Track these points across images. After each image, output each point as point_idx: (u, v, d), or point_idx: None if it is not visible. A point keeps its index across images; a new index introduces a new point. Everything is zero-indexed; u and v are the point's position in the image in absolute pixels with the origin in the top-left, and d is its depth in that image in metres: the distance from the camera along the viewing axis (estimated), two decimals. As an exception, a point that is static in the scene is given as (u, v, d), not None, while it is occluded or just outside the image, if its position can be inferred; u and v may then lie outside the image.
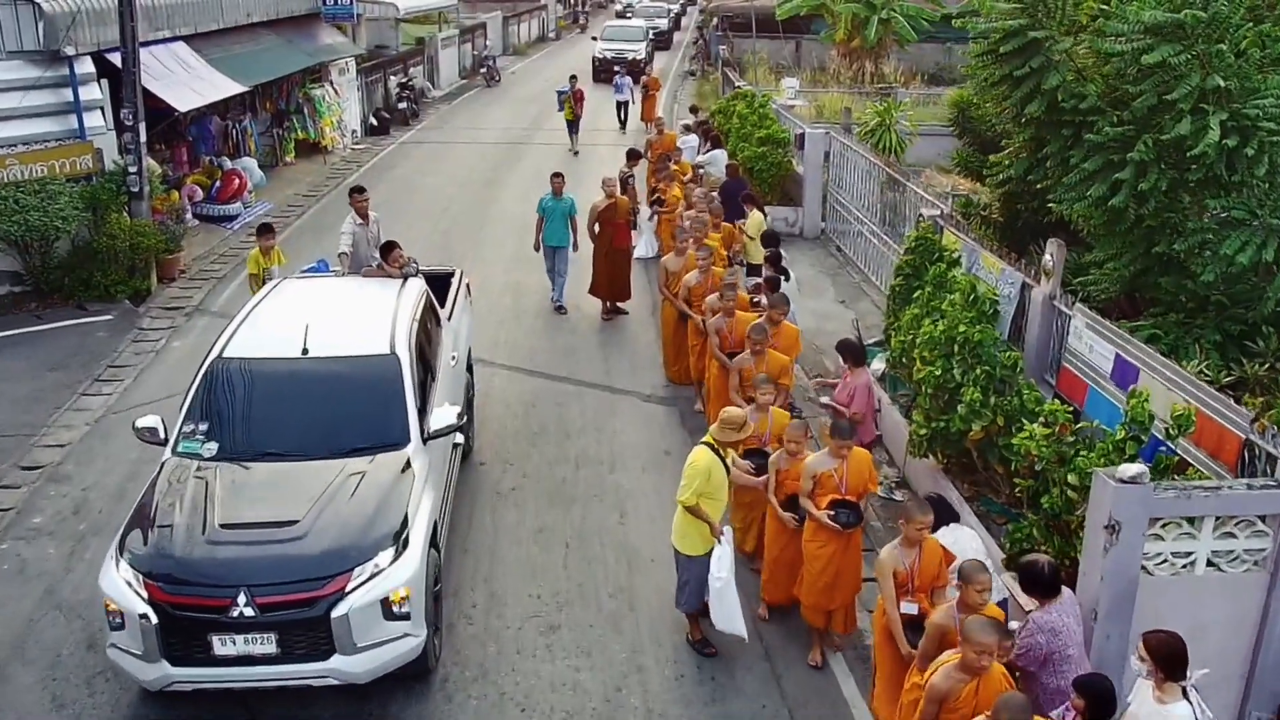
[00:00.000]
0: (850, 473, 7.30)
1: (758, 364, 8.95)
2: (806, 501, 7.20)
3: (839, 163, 17.80)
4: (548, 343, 13.38)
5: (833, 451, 7.34)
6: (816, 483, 7.25)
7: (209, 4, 18.94)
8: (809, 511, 7.16)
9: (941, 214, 12.19)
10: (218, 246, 17.57)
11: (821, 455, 7.40)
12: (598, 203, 13.83)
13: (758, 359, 8.97)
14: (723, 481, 7.22)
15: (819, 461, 7.32)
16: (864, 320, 14.30)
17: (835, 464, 7.27)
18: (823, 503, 7.20)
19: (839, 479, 7.25)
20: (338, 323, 8.37)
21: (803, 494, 7.28)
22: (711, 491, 7.09)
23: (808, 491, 7.26)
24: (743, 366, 9.06)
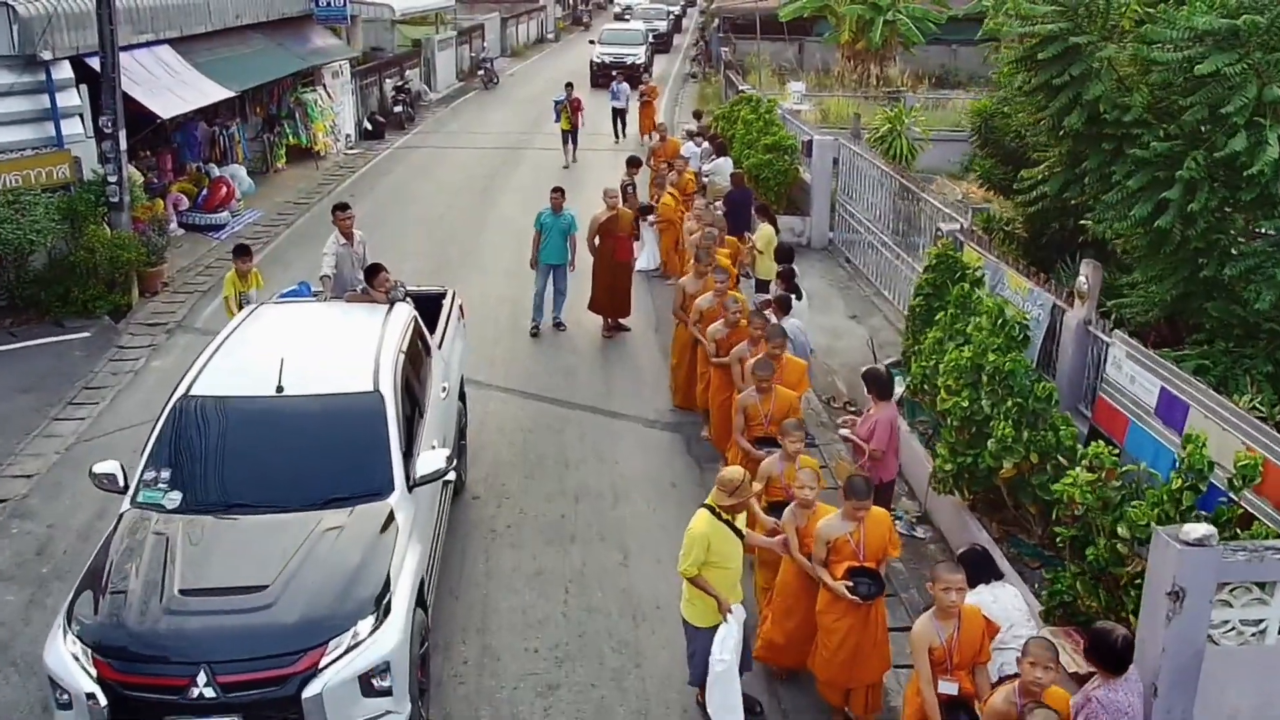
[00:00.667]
0: (869, 537, 6.52)
1: (764, 402, 8.28)
2: (821, 570, 6.47)
3: (848, 171, 17.16)
4: (546, 362, 12.73)
5: (847, 513, 6.53)
6: (831, 548, 6.50)
7: (195, 6, 18.29)
8: (824, 581, 6.46)
9: (961, 229, 11.55)
10: (204, 257, 16.91)
11: (835, 519, 6.62)
12: (599, 214, 13.18)
13: (764, 397, 8.29)
14: (731, 550, 6.44)
15: (833, 525, 6.56)
16: (877, 337, 13.68)
17: (851, 527, 6.51)
18: (839, 570, 6.46)
19: (856, 544, 6.49)
20: (317, 355, 7.71)
21: (815, 561, 6.54)
22: (717, 560, 6.34)
23: (821, 559, 6.52)
24: (748, 405, 8.38)
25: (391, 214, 19.29)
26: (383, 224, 18.55)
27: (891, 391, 8.49)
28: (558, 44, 50.94)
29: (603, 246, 13.18)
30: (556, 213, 13.24)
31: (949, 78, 34.26)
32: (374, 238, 17.65)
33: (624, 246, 13.35)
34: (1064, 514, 6.90)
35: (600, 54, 36.03)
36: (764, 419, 8.16)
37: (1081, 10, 8.20)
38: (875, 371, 8.58)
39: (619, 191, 13.50)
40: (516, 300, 14.49)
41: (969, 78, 34.36)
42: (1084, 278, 8.63)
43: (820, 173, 17.43)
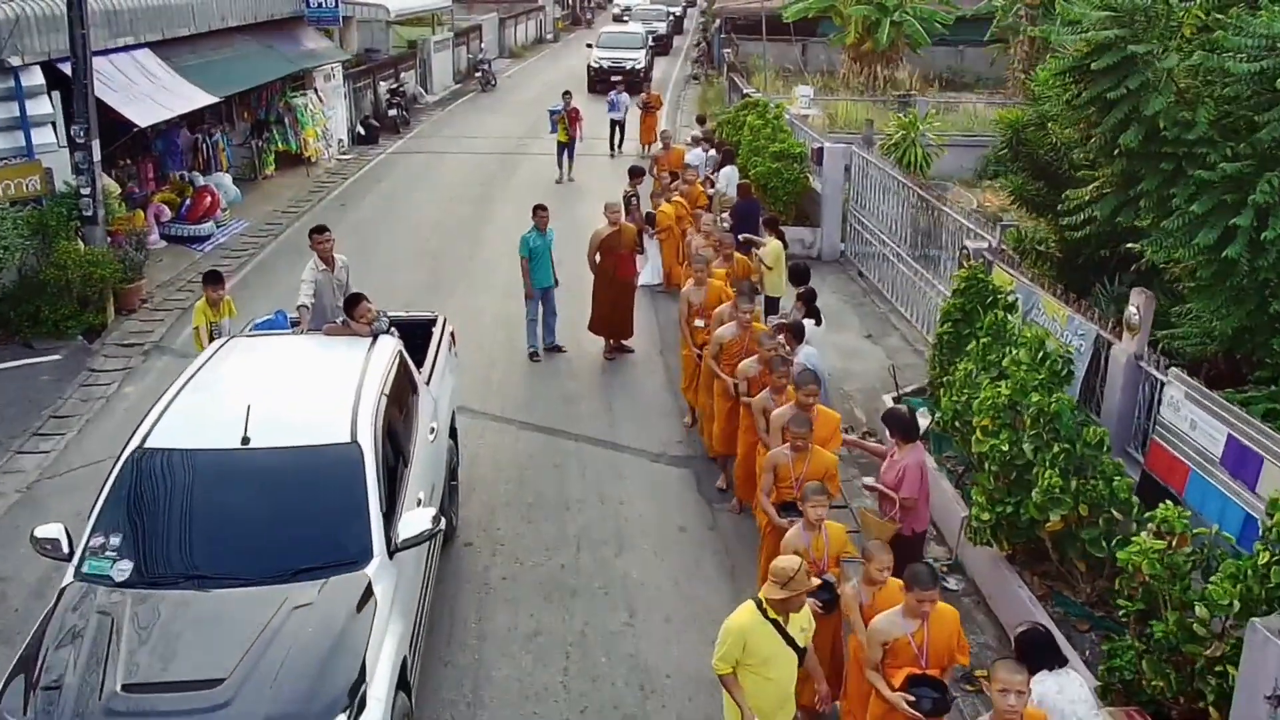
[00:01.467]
0: (934, 638, 5.55)
1: (797, 462, 7.44)
2: (875, 676, 5.58)
3: (860, 179, 16.40)
4: (544, 388, 11.95)
5: (909, 608, 5.57)
6: (889, 651, 5.59)
7: (178, 8, 17.50)
8: (878, 690, 5.58)
9: (989, 247, 10.78)
10: (186, 271, 16.13)
11: (894, 614, 5.67)
12: (599, 230, 12.41)
13: (798, 456, 7.44)
14: (774, 657, 5.46)
15: (891, 623, 5.64)
16: (895, 358, 12.91)
17: (914, 626, 5.58)
18: (897, 678, 5.54)
19: (918, 647, 5.53)
20: (289, 400, 6.93)
21: (869, 666, 5.66)
22: (755, 666, 5.40)
23: (876, 662, 5.63)
24: (779, 464, 7.56)
25: (383, 224, 18.51)
26: (374, 235, 17.79)
27: (917, 432, 7.71)
28: (557, 44, 50.14)
29: (603, 264, 12.41)
30: (543, 231, 12.46)
31: (956, 79, 33.53)
32: (365, 250, 17.20)
33: (626, 264, 12.61)
34: (1128, 584, 6.14)
35: (598, 58, 34.37)
36: (795, 481, 7.30)
37: (1140, 17, 7.41)
38: (897, 412, 7.79)
39: (620, 206, 12.69)
40: (513, 320, 13.70)
41: (976, 79, 33.66)
42: (1135, 308, 7.87)
43: (832, 182, 16.67)
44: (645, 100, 24.79)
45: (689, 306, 10.39)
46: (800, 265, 11.23)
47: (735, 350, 9.20)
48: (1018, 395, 7.97)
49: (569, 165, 21.73)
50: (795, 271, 11.11)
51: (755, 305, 9.78)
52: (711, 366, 9.41)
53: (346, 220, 18.79)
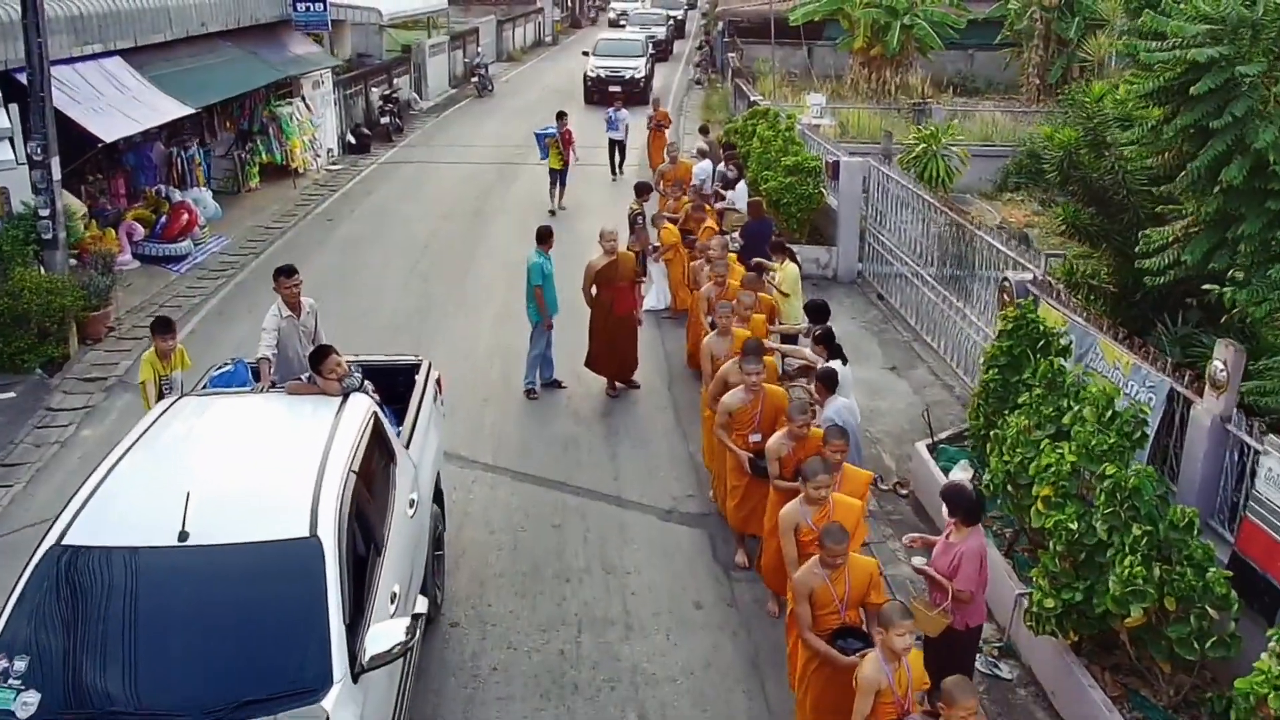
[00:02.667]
0: None
1: (817, 519, 6.44)
2: None
3: (879, 195, 15.37)
4: (542, 430, 10.89)
5: None
6: None
7: (152, 12, 16.46)
8: None
9: (1035, 279, 9.75)
10: (160, 294, 15.09)
11: None
12: (594, 260, 11.32)
13: (817, 511, 6.44)
14: None
15: None
16: (924, 394, 11.89)
17: None
18: None
19: None
20: (239, 480, 5.89)
21: None
22: None
23: None
24: (800, 523, 6.55)
25: (372, 242, 17.46)
26: (361, 255, 16.75)
27: (980, 513, 6.66)
28: (556, 47, 49.07)
29: (599, 297, 11.34)
30: (548, 254, 11.48)
31: (966, 84, 32.53)
32: (352, 271, 16.20)
33: (625, 298, 11.46)
34: (1247, 715, 5.10)
35: (595, 67, 31.69)
36: (839, 603, 6.10)
37: (1245, 31, 6.37)
38: (959, 491, 6.73)
39: (616, 233, 11.52)
40: (509, 351, 12.67)
41: (987, 84, 32.66)
42: (1220, 363, 6.83)
43: (849, 198, 15.63)
44: (654, 118, 21.98)
45: (711, 361, 9.14)
46: (818, 301, 10.15)
47: (746, 419, 7.99)
48: (1084, 461, 6.96)
49: (560, 192, 19.26)
50: (813, 308, 10.04)
51: (763, 366, 8.36)
52: (722, 438, 8.12)
53: (333, 238, 17.77)
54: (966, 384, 11.90)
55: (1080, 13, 27.63)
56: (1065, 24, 27.83)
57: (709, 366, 9.03)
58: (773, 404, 7.86)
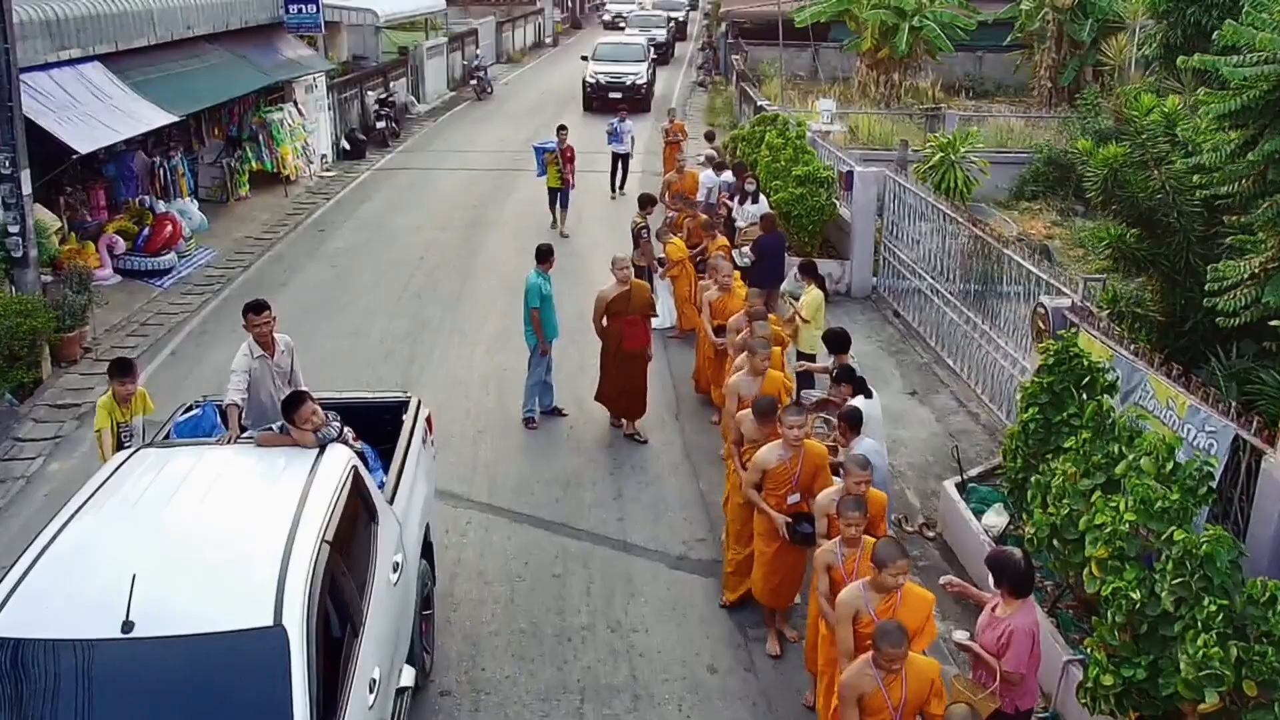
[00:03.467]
0: None
1: (881, 609, 5.69)
2: None
3: (895, 206, 14.66)
4: (542, 465, 10.17)
5: None
6: None
7: (135, 16, 15.74)
8: None
9: (1073, 306, 9.03)
10: (140, 311, 14.38)
11: None
12: (605, 290, 10.44)
13: (882, 599, 5.70)
14: None
15: None
16: (947, 423, 11.19)
17: None
18: None
19: None
20: (196, 553, 5.19)
21: None
22: None
23: None
24: (861, 609, 5.77)
25: (363, 255, 16.75)
26: (352, 269, 16.04)
27: (1031, 585, 5.94)
28: (556, 49, 48.37)
29: (610, 330, 10.41)
30: (547, 274, 10.77)
31: (975, 86, 31.84)
32: (341, 288, 15.35)
33: (637, 332, 10.44)
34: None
35: (594, 73, 30.19)
36: (894, 713, 5.30)
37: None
38: (1007, 559, 5.98)
39: (628, 261, 10.68)
40: (506, 376, 11.97)
41: (996, 86, 31.98)
42: (1298, 412, 6.13)
43: (863, 210, 14.92)
44: (669, 131, 19.51)
45: (738, 403, 8.17)
46: (837, 331, 9.40)
47: (783, 479, 7.07)
48: (1144, 519, 6.25)
49: (563, 215, 17.75)
50: (832, 339, 9.30)
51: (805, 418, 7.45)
52: (754, 500, 7.16)
53: (324, 250, 17.06)
54: (993, 412, 11.20)
55: (1094, 14, 26.93)
56: (1078, 26, 27.13)
57: (734, 408, 8.09)
58: (812, 461, 7.03)
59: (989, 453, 10.57)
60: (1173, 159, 8.04)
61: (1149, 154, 8.11)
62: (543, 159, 17.49)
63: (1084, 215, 18.88)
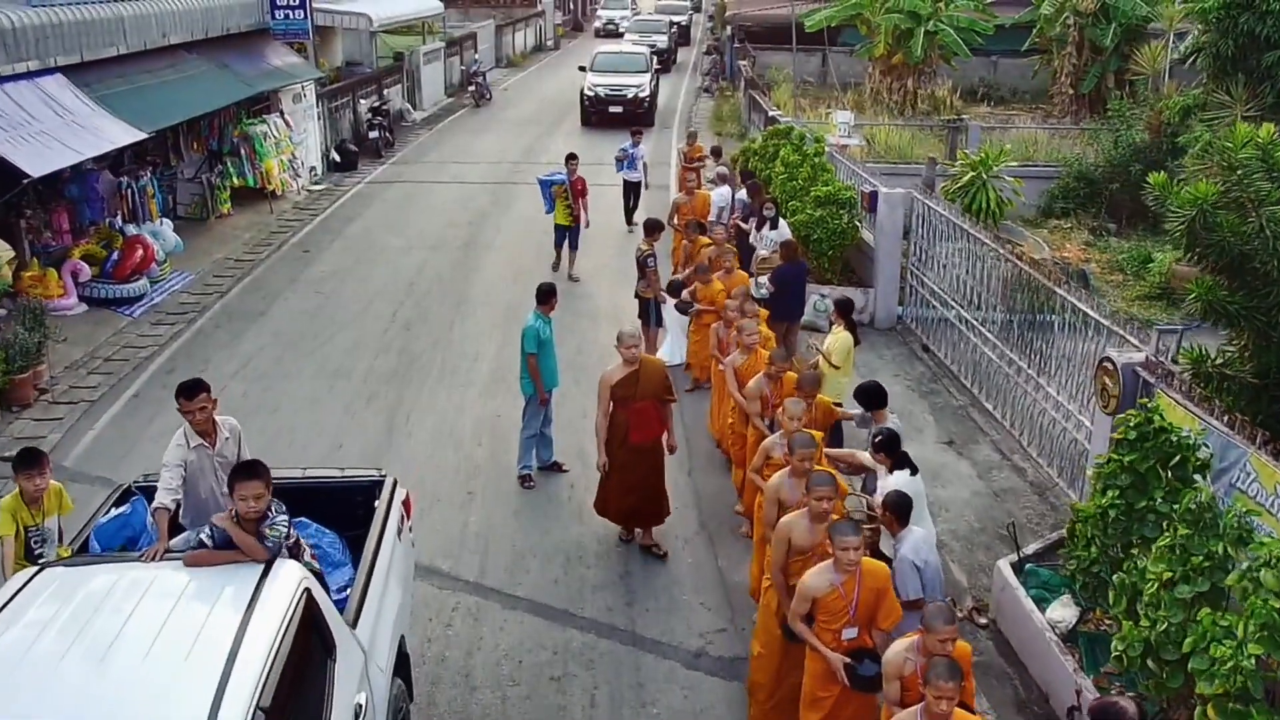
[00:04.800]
0: None
1: None
2: None
3: (924, 230, 13.52)
4: (539, 535, 9.02)
5: None
6: None
7: (104, 24, 14.63)
8: None
9: (1148, 363, 7.89)
10: (105, 344, 13.26)
11: None
12: (610, 372, 8.35)
13: None
14: None
15: None
16: (991, 480, 10.05)
17: None
18: None
19: None
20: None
21: None
22: None
23: None
24: None
25: (349, 280, 15.61)
26: (337, 295, 14.91)
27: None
28: (558, 52, 47.23)
29: (615, 420, 8.29)
30: (548, 317, 9.60)
31: (990, 92, 30.74)
32: (324, 318, 13.94)
33: (649, 421, 8.31)
34: None
35: (593, 84, 27.94)
36: None
37: None
38: (1115, 713, 4.83)
39: (639, 335, 8.68)
40: (500, 425, 10.84)
41: (1012, 92, 30.88)
42: None
43: (889, 234, 13.79)
44: (686, 154, 17.80)
45: (779, 509, 6.77)
46: (871, 385, 8.24)
47: (837, 608, 5.80)
48: (1272, 649, 5.12)
49: (571, 257, 15.37)
50: (865, 394, 8.14)
51: (861, 536, 6.10)
52: (805, 635, 5.83)
53: (307, 275, 15.92)
54: (1042, 468, 10.07)
55: (1117, 19, 25.82)
56: (1101, 31, 26.02)
57: (774, 515, 6.73)
58: (872, 585, 5.80)
59: (1040, 516, 9.45)
60: (1274, 198, 6.93)
61: (1245, 193, 7.01)
62: (550, 193, 15.11)
63: (1118, 235, 17.78)
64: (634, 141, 17.75)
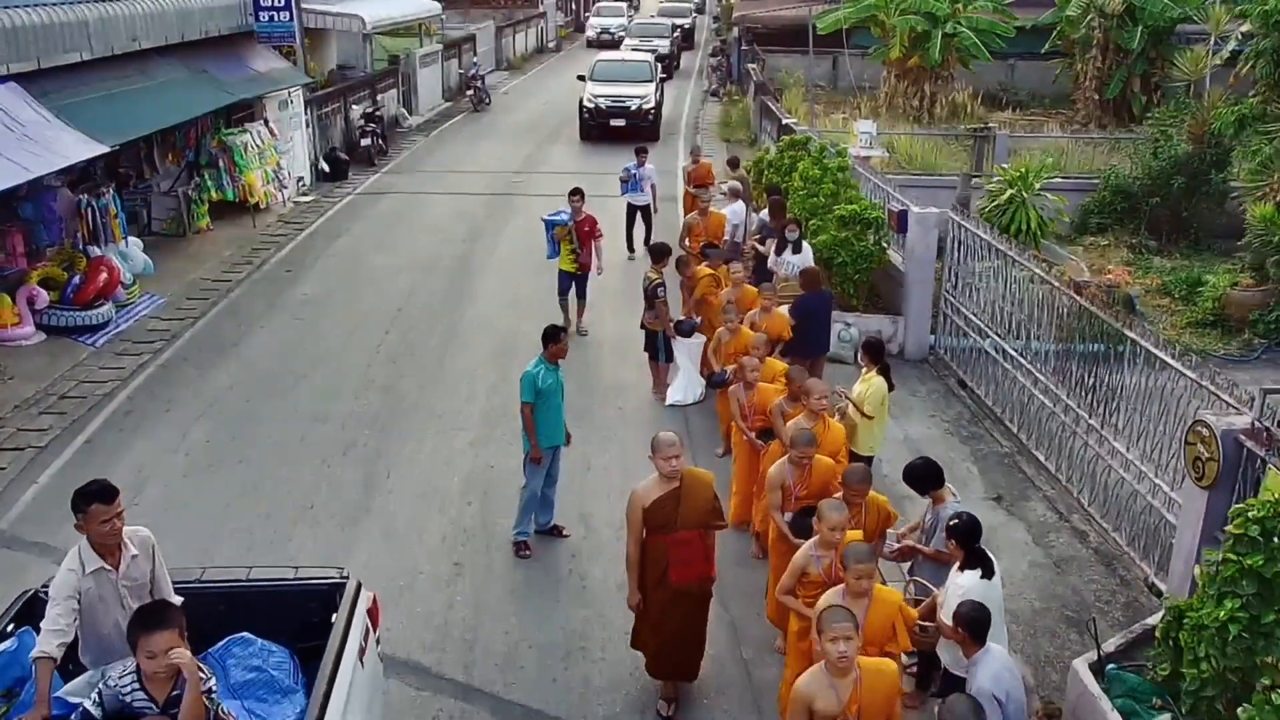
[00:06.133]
0: None
1: None
2: None
3: (958, 251, 12.32)
4: (536, 622, 7.78)
5: None
6: None
7: (65, 28, 13.45)
8: None
9: (1253, 430, 6.69)
10: (62, 379, 12.08)
11: None
12: (643, 490, 6.47)
13: None
14: None
15: None
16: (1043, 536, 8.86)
17: None
18: None
19: None
20: None
21: None
22: None
23: None
24: None
25: (333, 306, 14.40)
26: (318, 323, 13.73)
27: None
28: (559, 54, 46.09)
29: (651, 551, 6.47)
30: (554, 363, 8.36)
31: (1008, 96, 29.54)
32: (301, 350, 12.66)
33: (693, 556, 6.44)
34: None
35: (593, 95, 25.77)
36: None
37: None
38: None
39: (677, 443, 6.48)
40: (494, 478, 9.64)
41: (1030, 96, 29.66)
42: None
43: (920, 259, 12.58)
44: (691, 175, 16.30)
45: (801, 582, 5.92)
46: (924, 466, 6.94)
47: None
48: None
49: (579, 308, 13.15)
50: (920, 471, 6.90)
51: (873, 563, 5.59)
52: None
53: (287, 299, 14.73)
54: (1108, 535, 8.87)
55: (1143, 20, 24.65)
56: (1127, 33, 24.84)
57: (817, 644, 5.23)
58: None
59: (1110, 594, 8.26)
60: None
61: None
62: (553, 234, 12.86)
63: (1159, 253, 16.58)
64: (639, 161, 16.10)
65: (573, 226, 12.58)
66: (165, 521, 8.99)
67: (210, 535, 8.79)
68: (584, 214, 12.60)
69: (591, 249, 12.66)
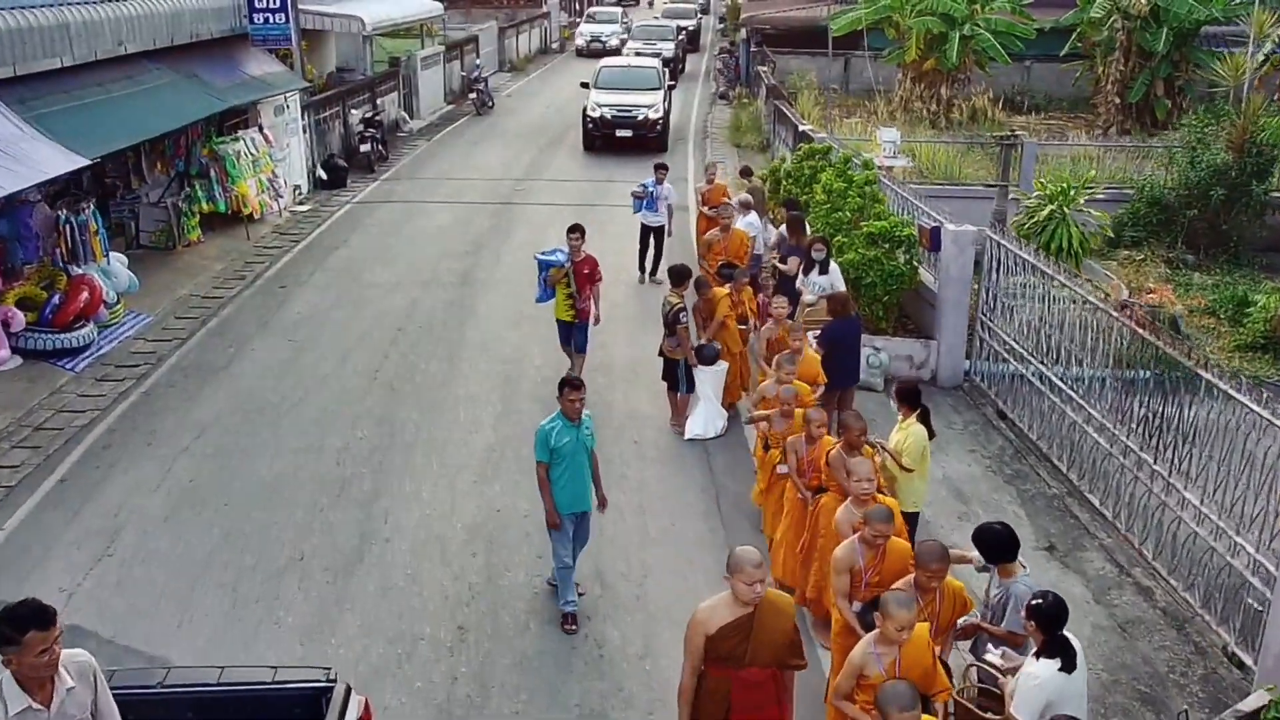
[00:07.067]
0: None
1: None
2: None
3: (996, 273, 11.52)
4: (546, 699, 6.97)
5: None
6: None
7: (44, 32, 12.66)
8: None
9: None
10: (38, 409, 11.31)
11: None
12: (707, 610, 5.29)
13: None
14: None
15: None
16: (1105, 594, 8.05)
17: None
18: None
19: None
20: None
21: None
22: None
23: None
24: None
25: (329, 326, 13.57)
26: (311, 345, 12.89)
27: None
28: (563, 55, 45.22)
29: (710, 687, 5.28)
30: (575, 421, 7.45)
31: (1025, 99, 28.74)
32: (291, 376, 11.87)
33: (764, 699, 5.32)
34: None
35: (596, 105, 24.22)
36: None
37: None
38: None
39: (759, 562, 5.20)
40: (501, 522, 8.83)
41: (1047, 99, 28.84)
42: None
43: (955, 279, 11.76)
44: (705, 195, 15.19)
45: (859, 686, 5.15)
46: (1000, 534, 6.08)
47: None
48: None
49: (579, 361, 11.33)
50: (995, 543, 6.05)
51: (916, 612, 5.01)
52: None
53: (281, 317, 13.92)
54: (1176, 593, 8.06)
55: (1168, 22, 23.81)
56: (1152, 36, 24.01)
57: None
58: None
59: (1185, 664, 7.45)
60: None
61: None
62: (545, 280, 11.09)
63: (1197, 267, 15.78)
64: (658, 178, 14.69)
65: (570, 269, 10.92)
66: (139, 574, 8.26)
67: (187, 590, 8.01)
68: (583, 254, 10.99)
69: (589, 295, 11.05)
